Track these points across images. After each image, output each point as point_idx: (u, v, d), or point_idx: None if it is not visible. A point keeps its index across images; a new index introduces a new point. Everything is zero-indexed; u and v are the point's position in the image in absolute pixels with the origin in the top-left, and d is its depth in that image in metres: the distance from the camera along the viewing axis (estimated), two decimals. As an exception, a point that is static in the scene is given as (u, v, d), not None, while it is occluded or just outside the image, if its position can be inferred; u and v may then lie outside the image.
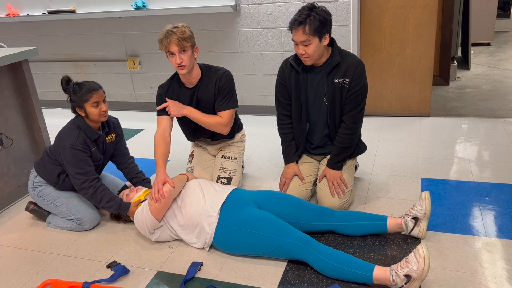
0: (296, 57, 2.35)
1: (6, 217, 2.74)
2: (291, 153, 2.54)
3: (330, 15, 2.22)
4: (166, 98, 2.45)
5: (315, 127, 2.47)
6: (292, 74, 2.38)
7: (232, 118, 2.52)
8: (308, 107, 2.42)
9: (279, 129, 2.56)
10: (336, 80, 2.30)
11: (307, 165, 2.56)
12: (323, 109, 2.39)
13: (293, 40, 2.24)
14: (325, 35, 2.21)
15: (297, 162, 2.57)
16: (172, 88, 2.52)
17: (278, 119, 2.54)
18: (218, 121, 2.48)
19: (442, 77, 4.64)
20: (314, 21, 2.14)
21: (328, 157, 2.49)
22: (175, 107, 2.40)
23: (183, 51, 2.30)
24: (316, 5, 2.21)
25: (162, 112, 2.49)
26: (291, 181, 2.51)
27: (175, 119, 2.56)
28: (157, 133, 2.45)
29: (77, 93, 2.32)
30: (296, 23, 2.17)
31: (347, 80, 2.29)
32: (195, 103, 2.51)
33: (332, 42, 2.31)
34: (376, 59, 3.74)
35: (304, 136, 2.50)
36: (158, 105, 2.51)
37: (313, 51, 2.21)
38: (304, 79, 2.36)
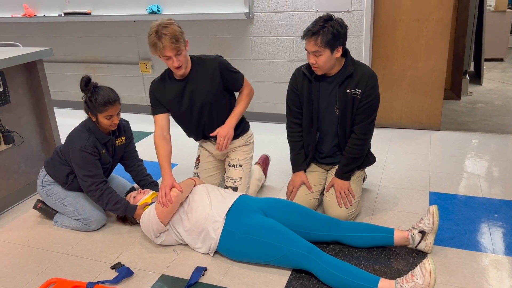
0: (309, 66, 2.35)
1: (14, 214, 2.76)
2: (299, 162, 2.54)
3: (346, 28, 2.22)
4: (211, 134, 2.49)
5: (325, 136, 2.47)
6: (305, 82, 2.38)
7: (248, 82, 2.59)
8: (319, 116, 2.42)
9: (288, 137, 2.56)
10: (348, 91, 2.30)
11: (315, 174, 2.56)
12: (334, 118, 2.39)
13: (305, 49, 2.25)
14: (337, 48, 2.21)
15: (305, 171, 2.56)
16: (163, 83, 2.47)
17: (288, 127, 2.54)
18: (247, 94, 2.56)
19: (453, 91, 4.62)
20: (327, 33, 2.15)
21: (337, 166, 2.48)
22: (225, 131, 2.44)
23: (179, 53, 2.25)
24: (333, 17, 2.21)
25: (157, 110, 2.48)
26: (298, 190, 2.51)
27: (171, 116, 2.55)
28: (156, 133, 2.45)
29: (92, 100, 2.30)
30: (310, 33, 2.18)
31: (359, 91, 2.29)
32: (188, 95, 2.44)
33: (345, 53, 2.31)
34: (388, 71, 3.73)
35: (314, 145, 2.49)
36: (151, 102, 2.50)
37: (324, 62, 2.22)
38: (316, 88, 2.36)
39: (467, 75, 4.81)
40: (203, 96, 2.44)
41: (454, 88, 4.61)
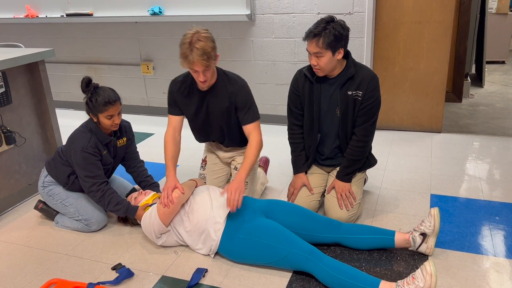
0: (310, 68, 2.36)
1: (15, 214, 2.76)
2: (300, 163, 2.54)
3: (348, 30, 2.22)
4: (221, 194, 2.28)
5: (326, 138, 2.47)
6: (306, 84, 2.38)
7: (260, 129, 2.41)
8: (320, 118, 2.42)
9: (289, 138, 2.56)
10: (349, 92, 2.30)
11: (316, 176, 2.56)
12: (335, 120, 2.39)
13: (307, 50, 2.25)
14: (339, 50, 2.21)
15: (306, 173, 2.56)
16: (184, 87, 2.43)
17: (289, 129, 2.54)
18: (255, 147, 2.31)
19: (455, 93, 4.62)
20: (329, 35, 2.15)
21: (338, 168, 2.48)
22: (235, 185, 2.17)
23: (207, 69, 2.20)
24: (335, 19, 2.21)
25: (174, 111, 2.45)
26: (299, 191, 2.51)
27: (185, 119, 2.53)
28: (168, 132, 2.43)
29: (93, 100, 2.31)
30: (311, 35, 2.18)
31: (361, 92, 2.29)
32: (205, 107, 2.44)
33: (347, 55, 2.31)
34: (389, 73, 3.73)
35: (315, 146, 2.49)
36: (169, 101, 2.45)
37: (325, 64, 2.22)
38: (318, 89, 2.36)
39: (468, 78, 4.81)
40: (218, 112, 2.43)
41: (456, 91, 4.61)
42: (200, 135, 2.63)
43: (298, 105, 2.45)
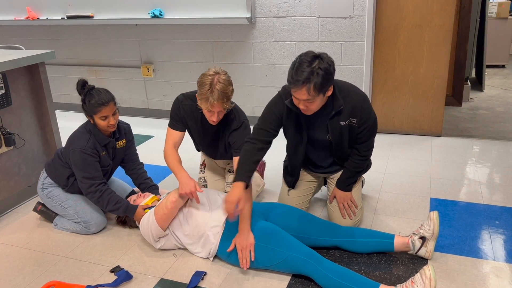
0: (292, 100, 2.09)
1: (14, 216, 2.76)
2: (243, 170, 2.14)
3: (333, 62, 1.95)
4: (228, 251, 2.10)
5: (319, 157, 2.39)
6: (291, 114, 2.19)
7: None
8: (309, 143, 2.30)
9: (245, 145, 2.18)
10: (342, 123, 2.17)
11: (305, 183, 2.50)
12: (326, 143, 2.28)
13: (293, 95, 1.99)
14: (329, 88, 1.99)
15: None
16: (195, 113, 2.35)
17: (250, 139, 2.17)
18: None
19: (455, 97, 4.62)
20: (318, 77, 1.88)
21: (336, 175, 2.45)
22: (243, 241, 2.05)
23: (223, 111, 2.18)
24: (317, 55, 1.92)
25: (177, 126, 2.38)
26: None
27: (186, 133, 2.50)
28: (168, 145, 2.36)
29: (87, 102, 2.31)
30: (299, 83, 1.89)
31: (355, 119, 2.16)
32: (211, 134, 2.40)
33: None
34: (389, 77, 3.73)
35: (300, 167, 2.40)
36: (174, 118, 2.38)
37: (317, 106, 2.02)
38: (304, 119, 2.20)
39: (468, 82, 4.81)
40: (222, 140, 2.42)
41: (456, 94, 4.61)
42: (202, 148, 2.60)
43: (275, 126, 2.20)
